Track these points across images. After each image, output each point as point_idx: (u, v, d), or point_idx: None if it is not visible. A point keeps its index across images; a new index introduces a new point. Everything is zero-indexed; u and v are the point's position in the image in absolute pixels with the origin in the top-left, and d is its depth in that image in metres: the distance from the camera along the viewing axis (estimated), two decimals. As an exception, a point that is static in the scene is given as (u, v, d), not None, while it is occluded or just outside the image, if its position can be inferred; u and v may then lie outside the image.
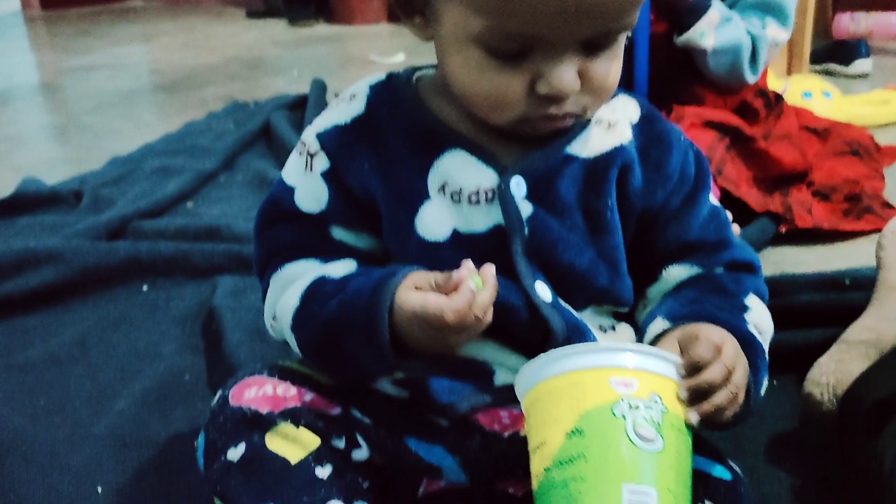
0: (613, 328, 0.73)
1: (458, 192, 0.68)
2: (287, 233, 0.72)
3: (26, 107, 2.89)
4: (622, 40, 0.63)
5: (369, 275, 0.66)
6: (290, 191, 0.72)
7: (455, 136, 0.68)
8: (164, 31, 4.53)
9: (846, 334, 0.89)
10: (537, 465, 0.56)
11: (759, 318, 0.70)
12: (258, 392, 0.68)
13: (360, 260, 0.71)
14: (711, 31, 1.45)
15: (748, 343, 0.65)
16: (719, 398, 0.58)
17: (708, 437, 0.70)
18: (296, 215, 0.72)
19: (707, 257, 0.72)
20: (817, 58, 2.53)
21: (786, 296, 1.11)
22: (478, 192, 0.68)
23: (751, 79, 1.51)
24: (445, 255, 0.67)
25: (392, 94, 0.72)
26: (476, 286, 0.59)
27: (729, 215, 0.93)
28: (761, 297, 0.72)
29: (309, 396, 0.69)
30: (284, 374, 0.71)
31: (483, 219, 0.68)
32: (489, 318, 0.60)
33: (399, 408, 0.71)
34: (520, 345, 0.69)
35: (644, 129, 0.71)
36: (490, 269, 0.61)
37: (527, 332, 0.68)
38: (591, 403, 0.54)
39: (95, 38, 4.31)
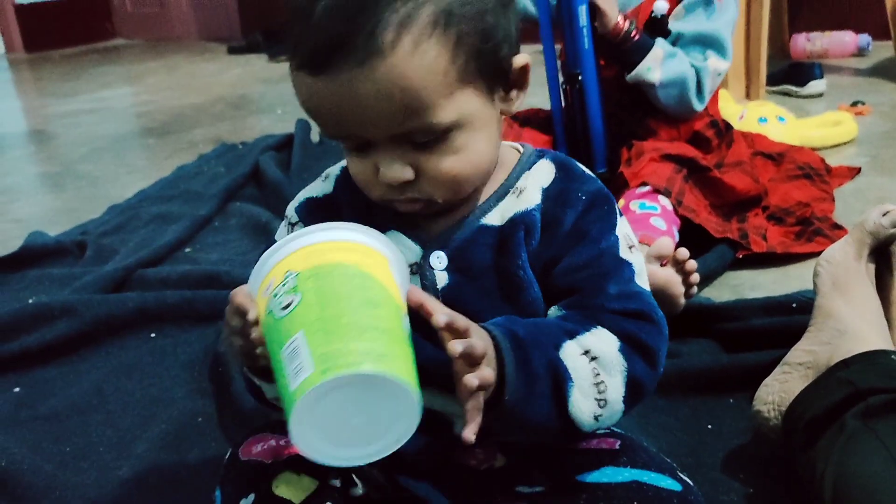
0: None
1: None
2: None
3: (20, 156, 2.96)
4: (454, 137, 0.67)
5: None
6: None
7: (392, 216, 0.74)
8: (148, 71, 4.61)
9: (788, 357, 1.00)
10: None
11: (591, 344, 0.69)
12: (263, 446, 0.78)
13: None
14: (658, 66, 1.57)
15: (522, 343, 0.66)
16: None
17: (660, 453, 0.80)
18: None
19: (581, 302, 0.72)
20: (774, 80, 2.65)
21: (740, 320, 1.23)
22: (410, 266, 0.74)
23: (698, 107, 1.63)
24: None
25: None
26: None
27: (686, 252, 1.04)
28: (621, 335, 0.69)
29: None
30: (286, 429, 0.80)
31: None
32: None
33: None
34: None
35: (552, 192, 0.74)
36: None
37: None
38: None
39: (81, 82, 4.39)
